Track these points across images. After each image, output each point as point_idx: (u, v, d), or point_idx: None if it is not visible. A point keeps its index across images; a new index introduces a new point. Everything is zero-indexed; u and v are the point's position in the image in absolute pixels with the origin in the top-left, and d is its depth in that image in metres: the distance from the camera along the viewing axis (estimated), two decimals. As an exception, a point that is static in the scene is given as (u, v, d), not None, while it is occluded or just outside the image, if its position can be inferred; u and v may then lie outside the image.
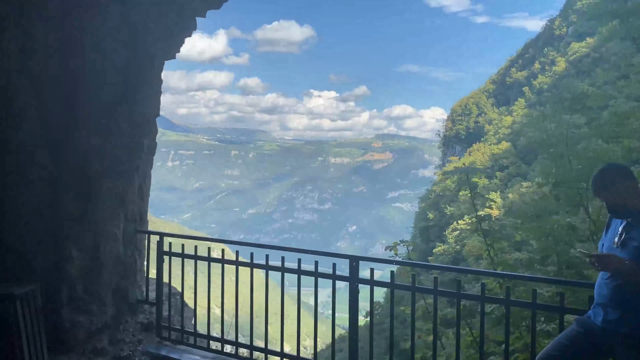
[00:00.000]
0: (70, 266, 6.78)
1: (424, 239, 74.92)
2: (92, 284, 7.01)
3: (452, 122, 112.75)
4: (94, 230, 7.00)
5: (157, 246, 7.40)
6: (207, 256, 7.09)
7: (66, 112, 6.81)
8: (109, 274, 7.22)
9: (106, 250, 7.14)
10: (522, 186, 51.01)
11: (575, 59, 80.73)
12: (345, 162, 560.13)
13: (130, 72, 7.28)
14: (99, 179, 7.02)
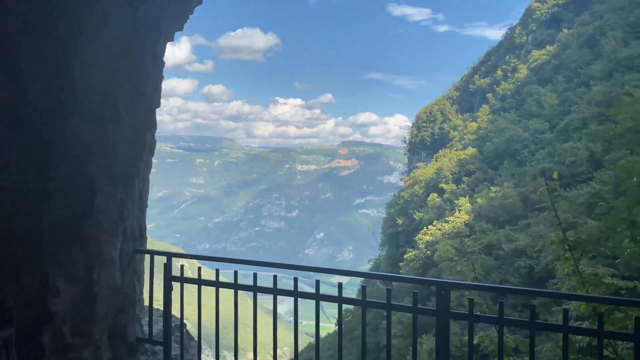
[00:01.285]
0: (56, 302, 5.32)
1: (393, 244, 75.38)
2: (83, 323, 5.61)
3: (417, 128, 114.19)
4: (86, 254, 5.59)
5: (165, 270, 6.24)
6: (232, 282, 6.06)
7: (50, 96, 5.37)
8: (104, 309, 5.84)
9: (101, 279, 5.73)
10: (491, 190, 51.92)
11: (536, 66, 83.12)
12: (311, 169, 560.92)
13: (134, 45, 6.00)
14: (93, 185, 5.62)
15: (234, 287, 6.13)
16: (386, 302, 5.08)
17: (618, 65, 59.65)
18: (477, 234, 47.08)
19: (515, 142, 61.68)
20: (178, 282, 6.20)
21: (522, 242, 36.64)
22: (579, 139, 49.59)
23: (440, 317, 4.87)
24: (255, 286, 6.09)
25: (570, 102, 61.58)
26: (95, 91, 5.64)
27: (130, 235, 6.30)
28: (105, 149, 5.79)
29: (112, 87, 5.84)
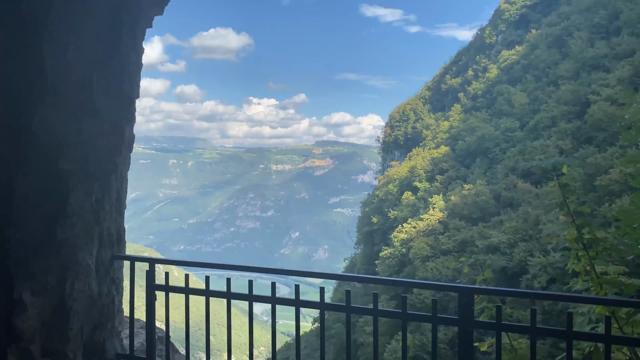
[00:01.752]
0: (22, 318, 4.70)
1: (368, 243, 75.76)
2: (55, 341, 4.97)
3: (390, 128, 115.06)
4: (58, 262, 4.99)
5: (147, 278, 5.70)
6: (225, 291, 5.57)
7: (15, 79, 4.73)
8: (79, 324, 5.23)
9: (75, 290, 5.14)
10: (464, 188, 52.64)
11: (506, 66, 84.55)
12: (286, 169, 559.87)
13: (113, 25, 5.42)
14: (66, 183, 5.03)
15: (226, 297, 5.67)
16: (401, 311, 4.58)
17: (585, 65, 61.16)
18: (451, 231, 47.68)
19: (486, 141, 62.65)
20: (162, 291, 5.68)
21: (495, 238, 37.25)
22: (548, 136, 50.67)
23: (464, 327, 4.35)
24: (250, 294, 5.63)
25: (539, 101, 62.85)
26: (68, 76, 5.01)
27: (108, 240, 5.73)
28: (80, 143, 5.17)
29: (87, 72, 5.21)
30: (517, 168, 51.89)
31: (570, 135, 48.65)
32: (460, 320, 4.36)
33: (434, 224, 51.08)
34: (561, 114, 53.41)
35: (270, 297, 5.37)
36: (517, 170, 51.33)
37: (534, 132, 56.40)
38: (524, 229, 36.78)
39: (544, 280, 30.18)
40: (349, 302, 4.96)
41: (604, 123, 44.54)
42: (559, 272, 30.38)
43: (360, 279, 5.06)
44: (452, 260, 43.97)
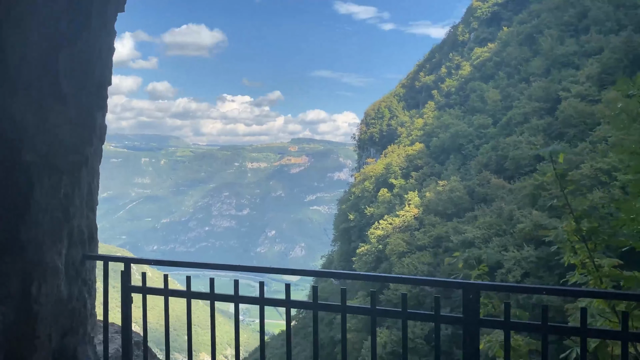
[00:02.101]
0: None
1: (345, 240, 75.90)
2: (20, 349, 4.55)
3: (366, 125, 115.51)
4: (22, 263, 4.55)
5: (122, 279, 5.23)
6: (207, 292, 5.21)
7: None
8: (46, 330, 4.78)
9: (42, 293, 4.70)
10: (439, 184, 53.07)
11: (479, 63, 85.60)
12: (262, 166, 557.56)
13: (81, 2, 4.98)
14: (30, 176, 4.58)
15: (210, 298, 5.33)
16: (401, 310, 4.33)
17: (555, 62, 62.31)
18: (426, 227, 48.03)
19: (460, 137, 63.32)
20: (139, 294, 5.24)
21: (470, 234, 37.63)
22: (520, 132, 51.46)
23: (469, 326, 4.04)
24: (236, 296, 5.30)
25: (511, 97, 63.81)
26: (30, 57, 4.51)
27: (78, 239, 5.28)
28: (44, 131, 4.71)
29: (52, 53, 4.70)
30: (491, 164, 52.56)
31: (542, 131, 49.49)
32: (465, 318, 4.06)
33: (409, 220, 51.39)
34: (533, 111, 54.30)
35: (258, 298, 5.07)
36: (491, 166, 52.01)
37: (507, 128, 57.22)
38: (497, 224, 37.27)
39: (519, 275, 30.61)
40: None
41: (574, 119, 45.46)
42: (532, 266, 30.86)
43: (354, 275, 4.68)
44: (428, 256, 44.30)
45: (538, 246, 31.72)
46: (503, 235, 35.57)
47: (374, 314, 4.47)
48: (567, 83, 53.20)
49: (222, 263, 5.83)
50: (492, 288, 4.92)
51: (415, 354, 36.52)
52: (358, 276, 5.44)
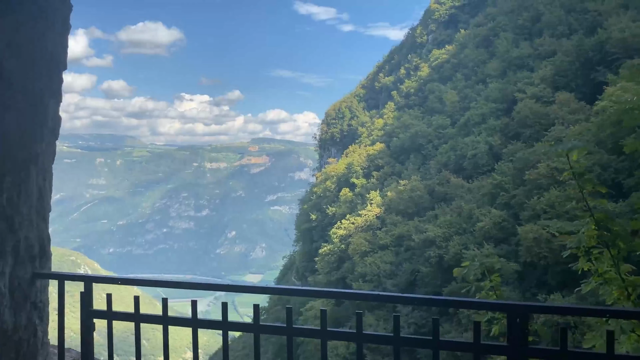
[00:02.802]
0: None
1: (307, 240, 75.69)
2: None
3: (327, 125, 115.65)
4: None
5: (82, 301, 4.56)
6: (189, 317, 4.43)
7: None
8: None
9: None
10: (400, 184, 53.53)
11: (437, 65, 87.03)
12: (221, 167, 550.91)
13: None
14: None
15: (192, 325, 4.47)
16: (432, 338, 3.78)
17: (510, 64, 63.92)
18: (388, 226, 48.35)
19: (420, 137, 64.12)
20: (103, 319, 4.59)
21: (431, 232, 38.07)
22: (479, 133, 52.49)
23: (516, 355, 3.47)
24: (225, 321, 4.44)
25: (469, 98, 65.08)
26: None
27: (26, 253, 4.51)
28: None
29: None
30: (450, 163, 53.41)
31: (499, 131, 50.62)
32: (511, 346, 3.47)
33: (371, 219, 51.63)
34: (490, 111, 55.52)
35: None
36: (450, 166, 52.84)
37: (465, 128, 58.29)
38: (458, 222, 37.86)
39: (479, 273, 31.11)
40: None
41: (530, 119, 46.69)
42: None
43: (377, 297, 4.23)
44: (390, 255, 44.58)
45: (497, 244, 32.40)
46: (463, 233, 36.15)
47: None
48: (522, 84, 54.63)
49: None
50: (544, 310, 4.06)
51: (379, 354, 36.63)
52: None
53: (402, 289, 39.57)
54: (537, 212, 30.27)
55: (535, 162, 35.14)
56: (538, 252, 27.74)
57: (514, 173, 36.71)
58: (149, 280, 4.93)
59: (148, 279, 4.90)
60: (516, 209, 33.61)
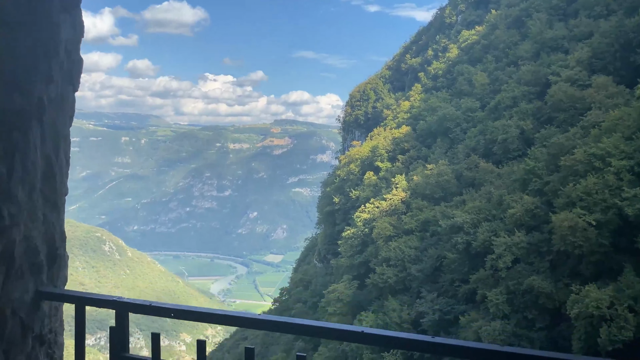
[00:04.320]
0: None
1: (329, 223, 75.22)
2: None
3: (351, 107, 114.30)
4: None
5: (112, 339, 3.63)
6: None
7: None
8: None
9: None
10: (427, 168, 52.42)
11: (467, 46, 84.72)
12: (244, 147, 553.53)
13: None
14: None
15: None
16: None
17: (544, 46, 61.68)
18: (413, 211, 47.47)
19: (447, 120, 62.57)
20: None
21: (459, 218, 37.10)
22: (509, 117, 50.88)
23: None
24: None
25: (500, 81, 63.15)
26: None
27: (26, 262, 3.15)
28: None
29: None
30: (479, 148, 52.01)
31: (531, 115, 48.95)
32: None
33: (396, 203, 50.74)
34: (522, 94, 53.73)
35: None
36: (479, 150, 51.45)
37: (495, 112, 56.64)
38: (487, 208, 36.77)
39: (509, 260, 30.21)
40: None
41: (564, 104, 44.94)
42: (523, 252, 30.45)
43: None
44: (415, 240, 43.80)
45: (529, 231, 31.33)
46: (493, 220, 35.10)
47: None
48: (556, 67, 52.64)
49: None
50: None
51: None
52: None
53: (427, 274, 38.82)
54: (572, 200, 29.07)
55: (571, 148, 33.77)
56: (573, 241, 26.64)
57: (548, 158, 35.36)
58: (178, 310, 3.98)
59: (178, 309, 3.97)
60: (549, 195, 32.39)
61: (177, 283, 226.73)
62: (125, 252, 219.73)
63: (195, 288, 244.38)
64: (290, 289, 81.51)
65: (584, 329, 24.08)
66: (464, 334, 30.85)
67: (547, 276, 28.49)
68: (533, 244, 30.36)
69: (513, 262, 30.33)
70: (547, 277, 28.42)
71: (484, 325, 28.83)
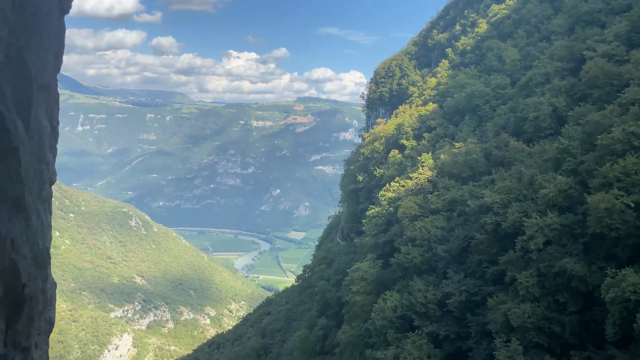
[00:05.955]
0: None
1: (353, 201, 74.71)
2: None
3: (375, 84, 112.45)
4: None
5: None
6: None
7: None
8: None
9: None
10: (454, 146, 51.22)
11: (496, 21, 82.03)
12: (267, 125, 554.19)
13: None
14: None
15: None
16: None
17: (579, 20, 59.21)
18: (440, 190, 46.55)
19: (476, 97, 60.87)
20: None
21: (488, 198, 36.14)
22: (541, 93, 49.16)
23: None
24: None
25: (531, 57, 61.01)
26: None
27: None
28: None
29: None
30: (509, 126, 50.53)
31: (564, 92, 47.14)
32: None
33: (422, 182, 49.83)
34: (554, 71, 51.78)
35: None
36: (509, 128, 49.99)
37: (526, 88, 54.82)
38: (518, 188, 35.70)
39: (541, 242, 29.31)
40: None
41: (600, 80, 43.10)
42: (555, 233, 29.52)
43: None
44: (442, 220, 43.03)
45: (562, 212, 30.30)
46: (524, 200, 34.06)
47: None
48: (592, 42, 50.41)
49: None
50: None
51: (427, 319, 35.75)
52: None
53: (454, 255, 38.10)
54: (609, 180, 27.89)
55: (608, 126, 32.36)
56: (609, 223, 25.60)
57: (583, 137, 34.00)
58: None
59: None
60: (584, 176, 31.18)
61: (202, 258, 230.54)
62: (151, 228, 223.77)
63: (219, 263, 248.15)
64: (313, 266, 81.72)
65: (619, 314, 23.27)
66: (492, 315, 30.26)
67: (580, 259, 27.56)
68: (566, 225, 29.35)
69: (545, 244, 29.43)
70: (580, 259, 27.49)
71: (513, 308, 28.14)
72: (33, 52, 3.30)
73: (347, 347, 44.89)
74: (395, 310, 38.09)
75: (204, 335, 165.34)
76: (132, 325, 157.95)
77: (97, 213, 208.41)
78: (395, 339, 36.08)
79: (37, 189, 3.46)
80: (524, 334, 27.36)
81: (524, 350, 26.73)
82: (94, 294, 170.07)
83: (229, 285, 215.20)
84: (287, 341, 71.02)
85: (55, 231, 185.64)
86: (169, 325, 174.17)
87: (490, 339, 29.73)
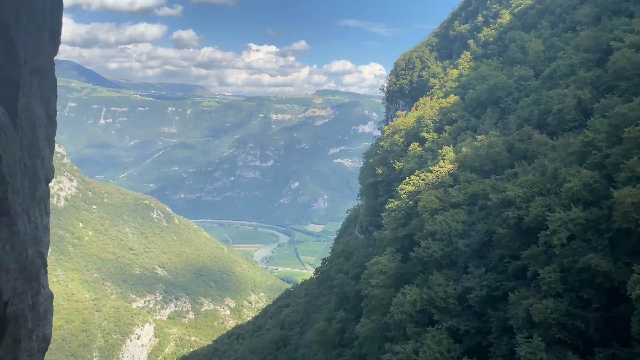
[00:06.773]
0: None
1: (372, 194, 74.34)
2: None
3: (395, 76, 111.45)
4: None
5: None
6: None
7: None
8: None
9: None
10: (476, 139, 50.50)
11: (520, 11, 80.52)
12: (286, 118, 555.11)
13: None
14: None
15: None
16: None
17: (605, 9, 57.69)
18: (461, 184, 45.99)
19: (498, 89, 59.87)
20: None
21: (510, 192, 35.56)
22: (566, 85, 48.09)
23: None
24: None
25: (556, 48, 59.69)
26: None
27: None
28: None
29: None
30: (532, 118, 49.60)
31: (589, 84, 46.03)
32: None
33: (443, 176, 49.28)
34: (580, 62, 50.58)
35: None
36: (532, 121, 49.06)
37: (550, 80, 53.70)
38: (541, 182, 35.03)
39: (564, 237, 28.74)
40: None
41: (628, 71, 41.97)
42: (579, 228, 28.91)
43: None
44: (463, 214, 42.53)
45: (587, 207, 29.64)
46: (547, 194, 33.41)
47: None
48: (619, 32, 49.05)
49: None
50: None
51: (447, 314, 35.43)
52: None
53: (475, 249, 37.63)
54: (636, 174, 27.17)
55: (635, 119, 31.48)
56: (636, 219, 24.95)
57: (609, 130, 33.15)
58: None
59: None
60: (610, 169, 30.42)
61: (222, 249, 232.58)
62: (172, 219, 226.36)
63: (239, 255, 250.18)
64: (332, 259, 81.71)
65: None
66: (513, 310, 29.84)
67: (605, 254, 26.94)
68: (591, 220, 28.70)
69: (568, 239, 28.84)
70: (605, 255, 26.87)
71: (535, 303, 27.68)
72: (22, 29, 3.10)
73: (366, 340, 44.83)
74: (415, 304, 37.85)
75: (223, 326, 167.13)
76: (153, 315, 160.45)
77: (119, 205, 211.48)
78: (415, 333, 35.89)
79: (28, 188, 3.14)
80: (546, 330, 26.92)
81: (546, 346, 26.31)
82: (116, 285, 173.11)
83: (249, 276, 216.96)
84: (306, 333, 71.27)
85: (79, 222, 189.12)
86: (189, 316, 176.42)
87: (511, 335, 29.34)
